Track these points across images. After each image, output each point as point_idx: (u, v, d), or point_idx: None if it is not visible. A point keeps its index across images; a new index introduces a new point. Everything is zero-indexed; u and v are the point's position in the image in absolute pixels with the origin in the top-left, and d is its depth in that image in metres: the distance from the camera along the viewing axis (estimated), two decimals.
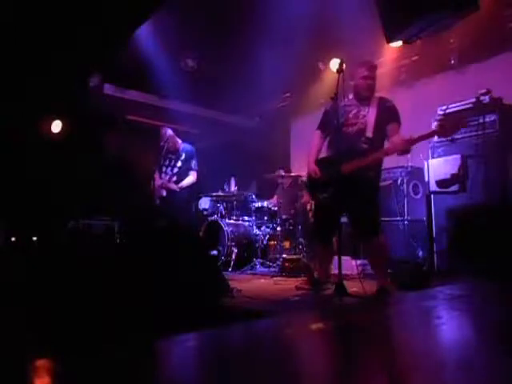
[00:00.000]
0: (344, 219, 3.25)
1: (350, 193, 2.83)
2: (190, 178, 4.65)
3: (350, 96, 3.22)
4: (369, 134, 2.97)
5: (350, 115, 3.06)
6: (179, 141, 4.77)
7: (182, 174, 4.60)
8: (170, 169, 4.62)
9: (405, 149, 2.85)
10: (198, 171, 4.70)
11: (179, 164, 4.53)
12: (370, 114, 3.01)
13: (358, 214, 3.00)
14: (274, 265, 4.86)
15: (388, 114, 3.03)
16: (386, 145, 3.08)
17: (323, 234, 3.29)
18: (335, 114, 3.02)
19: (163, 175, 4.63)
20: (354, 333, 1.16)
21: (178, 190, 4.54)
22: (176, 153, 4.66)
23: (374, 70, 3.10)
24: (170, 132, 4.73)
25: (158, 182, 4.63)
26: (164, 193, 4.59)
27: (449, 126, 2.75)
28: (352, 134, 2.92)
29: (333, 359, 0.92)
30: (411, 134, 2.83)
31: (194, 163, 4.67)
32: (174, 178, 4.56)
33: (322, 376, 0.80)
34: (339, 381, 0.76)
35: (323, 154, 3.28)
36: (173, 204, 4.58)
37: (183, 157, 4.55)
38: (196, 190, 5.03)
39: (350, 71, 3.14)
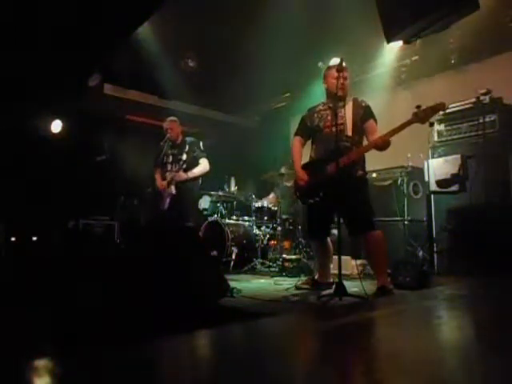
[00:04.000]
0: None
1: (340, 194, 2.84)
2: (202, 166, 4.39)
3: (325, 101, 3.32)
4: (348, 132, 3.09)
5: (329, 117, 3.15)
6: (180, 128, 4.56)
7: (191, 165, 4.34)
8: (175, 165, 4.36)
9: (384, 142, 2.87)
10: (207, 158, 4.42)
11: (184, 157, 4.23)
12: (348, 115, 3.13)
13: (351, 214, 3.03)
14: (274, 265, 4.86)
15: (363, 113, 3.14)
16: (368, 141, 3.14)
17: (317, 234, 3.32)
18: (314, 120, 3.26)
19: (167, 174, 4.40)
20: (353, 333, 1.16)
21: (188, 177, 4.31)
22: (179, 146, 4.45)
23: (344, 70, 3.13)
24: (169, 120, 4.52)
25: (159, 182, 4.52)
26: (173, 190, 4.30)
27: (423, 112, 2.77)
28: (333, 134, 2.95)
29: (332, 359, 0.92)
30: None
31: (201, 150, 4.41)
32: (182, 171, 4.30)
33: (322, 376, 0.80)
34: (339, 380, 0.76)
35: (305, 159, 3.36)
36: (183, 202, 4.35)
37: (187, 148, 4.28)
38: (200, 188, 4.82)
39: (324, 74, 3.29)
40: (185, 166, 4.30)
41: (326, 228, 3.31)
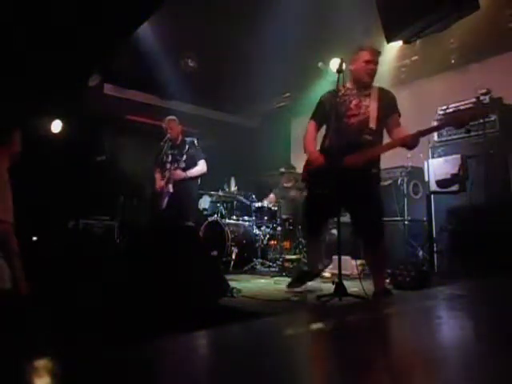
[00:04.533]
0: (344, 218, 3.24)
1: (353, 190, 2.72)
2: (200, 167, 4.45)
3: (347, 85, 3.05)
4: (372, 125, 2.86)
5: (352, 105, 2.92)
6: (179, 127, 4.58)
7: (189, 164, 4.38)
8: (174, 164, 4.38)
9: (415, 141, 2.69)
10: (206, 159, 4.49)
11: (184, 157, 4.28)
12: (372, 105, 2.90)
13: (363, 215, 2.84)
14: (274, 265, 4.86)
15: (390, 106, 2.94)
16: (392, 136, 2.94)
17: (314, 228, 3.15)
18: (334, 105, 2.92)
19: (166, 173, 4.43)
20: (353, 333, 1.16)
21: (186, 176, 4.35)
22: (179, 147, 4.48)
23: (378, 55, 2.96)
24: (168, 119, 4.54)
25: (158, 183, 4.54)
26: (171, 189, 4.33)
27: (454, 118, 2.71)
28: (355, 125, 2.79)
29: (332, 359, 0.92)
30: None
31: (199, 152, 4.46)
32: (180, 170, 4.34)
33: (322, 376, 0.80)
34: (339, 381, 0.76)
35: (318, 146, 3.11)
36: (181, 201, 4.38)
37: (187, 148, 4.32)
38: (199, 187, 4.86)
39: (352, 55, 3.01)
40: (183, 165, 4.32)
41: (324, 225, 3.21)
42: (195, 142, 4.44)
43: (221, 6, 4.75)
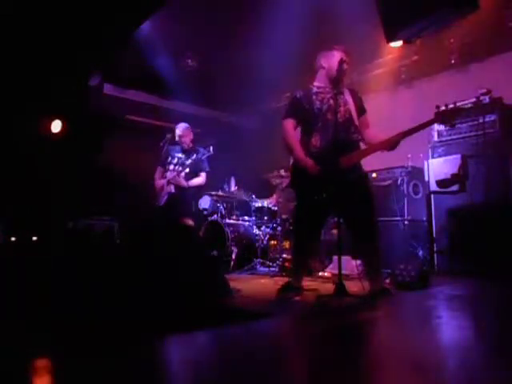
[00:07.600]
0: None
1: (351, 191, 2.70)
2: (200, 179, 4.52)
3: (317, 83, 3.01)
4: (356, 122, 2.85)
5: (332, 103, 2.80)
6: (191, 134, 4.64)
7: (191, 173, 4.44)
8: (178, 167, 4.40)
9: (397, 141, 2.67)
10: (208, 173, 4.57)
11: (188, 162, 4.33)
12: (350, 103, 2.87)
13: (362, 214, 2.78)
14: (274, 265, 4.86)
15: (361, 105, 2.96)
16: (368, 136, 2.92)
17: (313, 235, 3.04)
18: (312, 102, 2.88)
19: (168, 173, 4.45)
20: (353, 333, 1.16)
21: (186, 186, 4.39)
22: (187, 152, 4.52)
23: (350, 56, 2.94)
24: (183, 127, 4.59)
25: (158, 181, 4.56)
26: (173, 189, 4.40)
27: (445, 114, 2.72)
28: (341, 122, 2.74)
29: (332, 359, 0.92)
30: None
31: (205, 165, 4.54)
32: (183, 175, 4.38)
33: (322, 376, 0.80)
34: (339, 381, 0.76)
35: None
36: (181, 201, 4.42)
37: (194, 156, 4.36)
38: (200, 193, 4.91)
39: (324, 53, 2.99)
40: (187, 170, 4.34)
41: (322, 228, 3.19)
42: (207, 154, 4.44)
43: (221, 5, 4.75)
